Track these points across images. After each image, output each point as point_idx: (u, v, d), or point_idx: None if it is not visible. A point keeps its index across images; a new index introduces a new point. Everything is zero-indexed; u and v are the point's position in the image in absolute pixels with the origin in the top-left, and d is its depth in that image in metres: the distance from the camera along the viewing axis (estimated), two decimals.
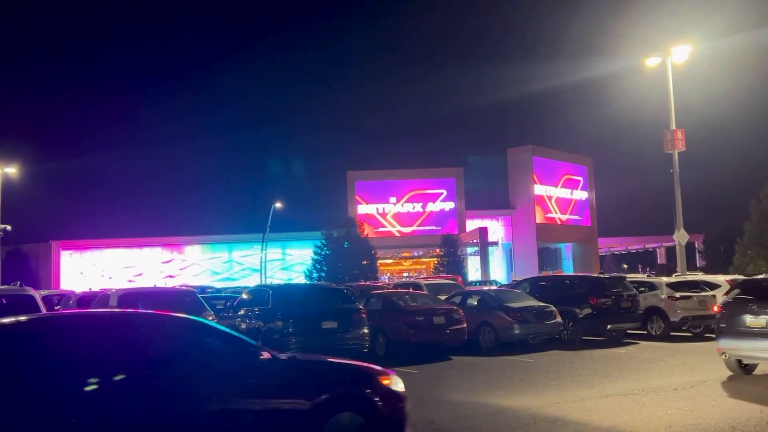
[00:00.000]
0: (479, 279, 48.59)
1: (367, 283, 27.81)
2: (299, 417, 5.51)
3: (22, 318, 5.69)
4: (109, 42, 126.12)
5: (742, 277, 22.10)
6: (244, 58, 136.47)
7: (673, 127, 26.88)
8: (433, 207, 65.35)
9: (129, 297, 12.47)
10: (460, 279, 33.08)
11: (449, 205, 65.12)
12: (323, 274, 48.92)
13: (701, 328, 18.27)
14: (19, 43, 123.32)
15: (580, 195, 71.24)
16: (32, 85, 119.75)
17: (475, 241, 59.30)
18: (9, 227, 42.91)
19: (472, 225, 63.68)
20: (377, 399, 5.85)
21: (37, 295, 10.96)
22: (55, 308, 17.41)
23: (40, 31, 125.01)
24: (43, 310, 10.38)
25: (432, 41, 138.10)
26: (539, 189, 66.47)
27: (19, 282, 14.41)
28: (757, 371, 11.18)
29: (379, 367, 6.21)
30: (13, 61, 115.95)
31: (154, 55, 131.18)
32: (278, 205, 52.46)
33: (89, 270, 64.92)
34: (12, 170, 42.83)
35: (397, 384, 6.06)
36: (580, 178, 71.39)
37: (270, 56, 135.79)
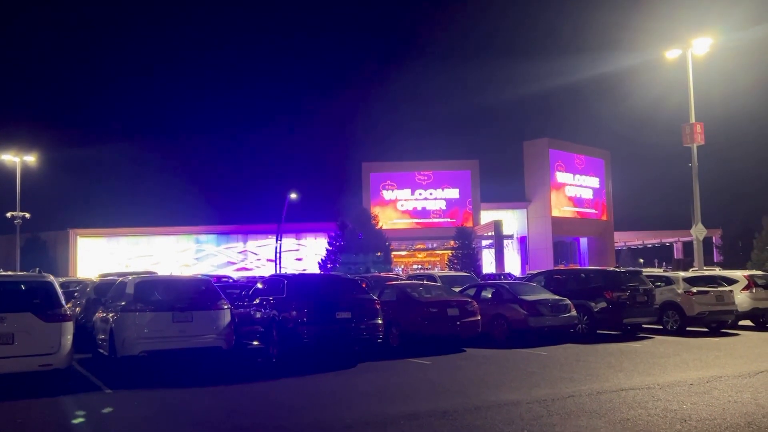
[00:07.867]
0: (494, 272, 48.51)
1: (381, 274, 27.80)
2: None
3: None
4: (128, 30, 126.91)
5: (760, 272, 21.85)
6: (262, 49, 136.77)
7: (693, 120, 26.57)
8: (448, 199, 65.20)
9: (145, 285, 12.58)
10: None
11: (464, 198, 64.93)
12: (337, 265, 49.05)
13: (717, 324, 18.14)
14: (39, 32, 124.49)
15: (597, 188, 70.65)
16: (51, 74, 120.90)
17: (489, 233, 59.13)
18: (28, 215, 43.48)
19: (487, 217, 63.45)
20: None
21: (56, 281, 11.07)
22: (74, 295, 17.59)
23: (60, 20, 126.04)
24: (61, 297, 10.50)
25: (450, 36, 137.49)
26: (555, 182, 66.01)
27: (38, 268, 14.57)
28: None
29: None
30: (32, 49, 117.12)
31: (173, 44, 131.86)
32: (293, 195, 52.61)
33: (106, 258, 65.58)
34: (31, 158, 43.33)
35: None
36: (596, 172, 70.78)
37: (289, 48, 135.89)
